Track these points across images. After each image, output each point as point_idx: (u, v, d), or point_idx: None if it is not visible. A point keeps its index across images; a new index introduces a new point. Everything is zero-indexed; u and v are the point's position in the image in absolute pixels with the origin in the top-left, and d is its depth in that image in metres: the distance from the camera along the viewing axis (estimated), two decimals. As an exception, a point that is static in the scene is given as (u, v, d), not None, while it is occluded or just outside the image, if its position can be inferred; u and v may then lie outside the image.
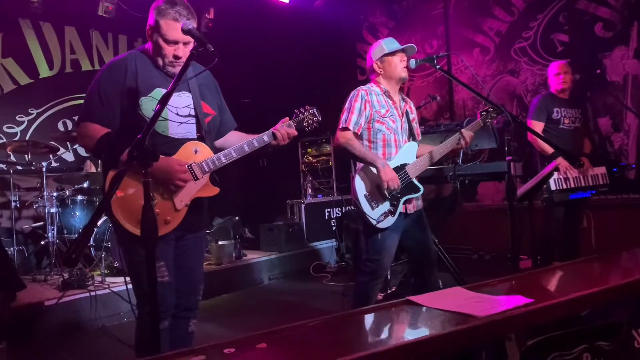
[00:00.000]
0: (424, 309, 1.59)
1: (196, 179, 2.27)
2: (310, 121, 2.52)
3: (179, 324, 2.41)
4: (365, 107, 3.05)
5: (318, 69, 7.62)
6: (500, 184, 5.95)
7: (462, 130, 3.05)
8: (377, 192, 2.97)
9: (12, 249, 4.96)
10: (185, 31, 2.05)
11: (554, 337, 1.52)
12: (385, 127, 3.08)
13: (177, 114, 2.31)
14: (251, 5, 6.81)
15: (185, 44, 2.23)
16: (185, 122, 2.33)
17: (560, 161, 4.05)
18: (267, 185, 7.60)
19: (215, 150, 2.40)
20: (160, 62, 2.28)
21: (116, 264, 4.93)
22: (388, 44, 3.13)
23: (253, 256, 6.03)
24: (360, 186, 3.00)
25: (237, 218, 6.32)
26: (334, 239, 6.68)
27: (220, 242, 5.66)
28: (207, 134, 2.41)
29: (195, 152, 2.30)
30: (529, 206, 3.16)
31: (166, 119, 2.26)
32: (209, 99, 2.47)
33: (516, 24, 6.15)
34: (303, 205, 6.65)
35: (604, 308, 1.75)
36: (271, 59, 7.41)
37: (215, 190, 2.36)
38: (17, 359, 3.50)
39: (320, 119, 2.54)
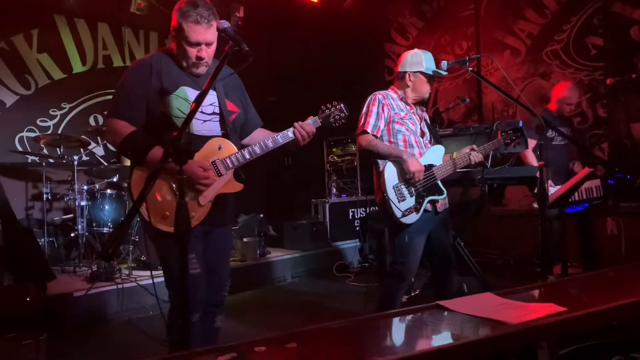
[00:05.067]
0: (454, 314, 1.58)
1: (219, 175, 2.28)
2: (337, 116, 2.50)
3: (205, 319, 2.43)
4: (383, 110, 3.08)
5: (346, 68, 7.60)
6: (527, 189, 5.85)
7: (473, 151, 3.08)
8: (405, 185, 2.98)
9: (43, 240, 5.07)
10: (221, 30, 2.07)
11: (588, 347, 1.49)
12: (405, 129, 3.10)
13: (202, 112, 2.33)
14: (280, 4, 6.84)
15: (207, 44, 2.25)
16: (209, 120, 2.35)
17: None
18: (292, 183, 7.63)
19: (241, 148, 2.41)
20: (184, 62, 2.30)
21: (143, 258, 5.01)
22: (428, 62, 3.12)
23: (277, 254, 6.06)
24: (390, 177, 2.99)
25: (261, 215, 6.35)
26: (357, 239, 6.66)
27: (244, 239, 5.70)
28: (232, 131, 2.43)
29: (219, 148, 2.32)
30: (559, 212, 3.11)
31: None
32: (233, 97, 2.49)
33: (548, 26, 6.04)
34: (327, 205, 6.65)
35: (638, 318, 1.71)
36: (299, 57, 7.44)
37: (239, 187, 2.37)
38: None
39: (348, 114, 2.53)
